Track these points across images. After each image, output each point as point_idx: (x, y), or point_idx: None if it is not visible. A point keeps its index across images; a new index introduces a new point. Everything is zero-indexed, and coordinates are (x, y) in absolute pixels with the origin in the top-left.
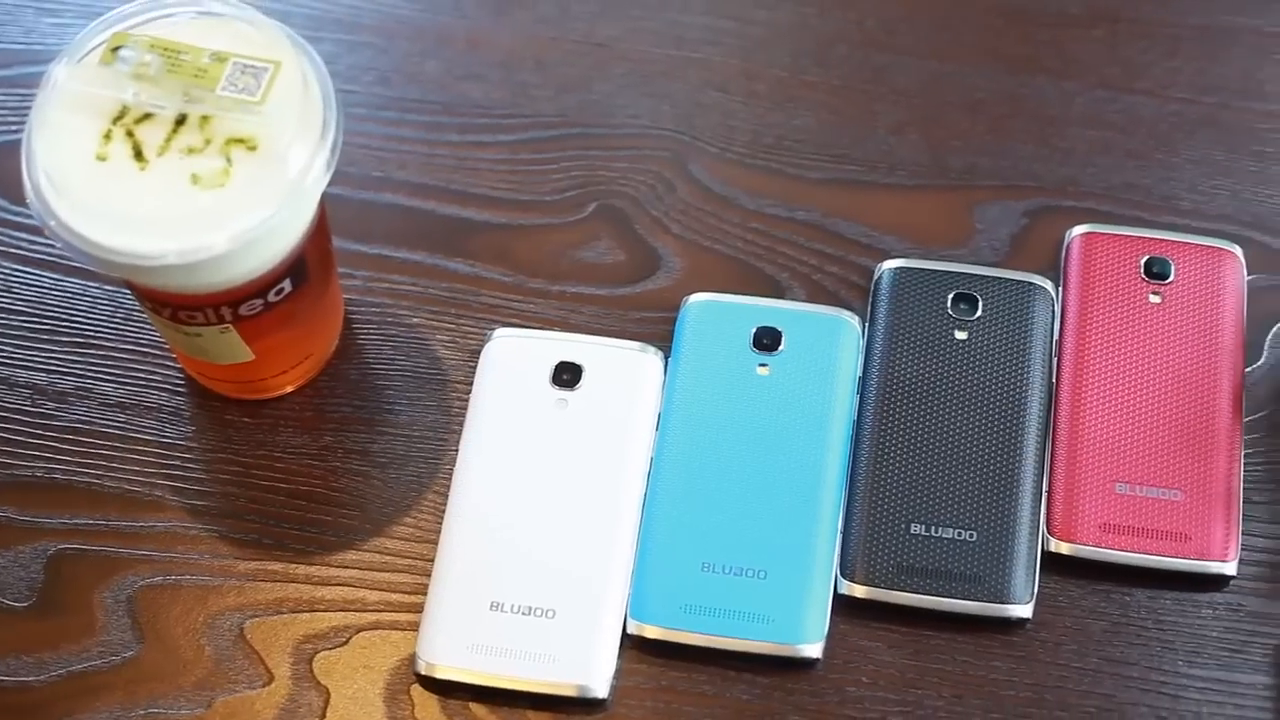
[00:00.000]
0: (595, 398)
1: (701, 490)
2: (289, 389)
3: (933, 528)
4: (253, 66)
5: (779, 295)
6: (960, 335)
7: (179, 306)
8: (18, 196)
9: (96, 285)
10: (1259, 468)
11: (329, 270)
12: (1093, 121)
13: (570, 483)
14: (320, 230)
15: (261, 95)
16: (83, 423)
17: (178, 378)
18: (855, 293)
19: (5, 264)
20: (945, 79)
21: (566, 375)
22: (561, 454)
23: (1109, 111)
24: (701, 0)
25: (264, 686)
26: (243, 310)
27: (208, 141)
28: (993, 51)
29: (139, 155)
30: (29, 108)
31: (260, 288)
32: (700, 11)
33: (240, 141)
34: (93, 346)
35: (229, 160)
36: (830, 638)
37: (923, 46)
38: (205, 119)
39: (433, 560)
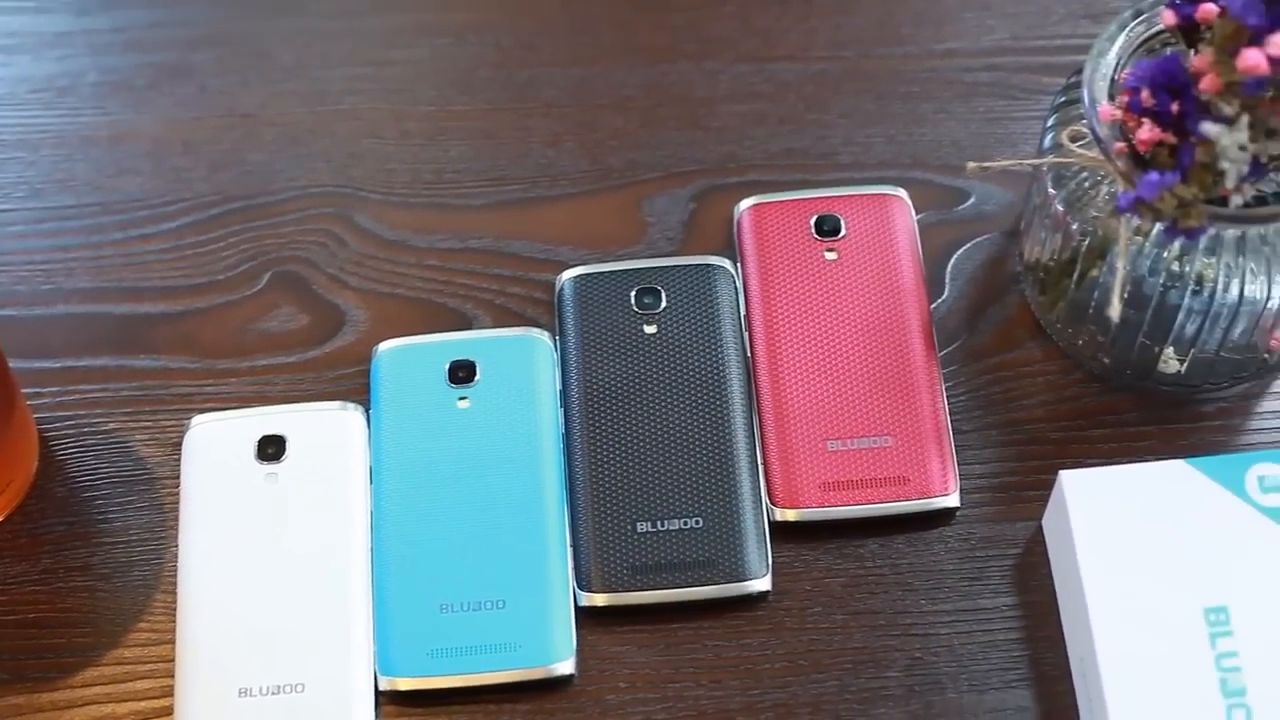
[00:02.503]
0: (303, 465)
1: (425, 534)
2: None
3: (658, 522)
4: None
5: (466, 327)
6: (649, 329)
7: None
8: None
9: None
10: (962, 397)
11: (11, 397)
12: (741, 96)
13: (294, 554)
14: None
15: None
16: None
17: None
18: (541, 309)
19: None
20: (590, 82)
21: (271, 449)
22: (280, 527)
23: (755, 83)
24: (337, 53)
25: None
26: None
27: None
28: (632, 47)
29: None
30: None
31: None
32: (338, 64)
33: None
34: None
35: None
36: (580, 651)
37: (563, 55)
38: None
39: (174, 660)
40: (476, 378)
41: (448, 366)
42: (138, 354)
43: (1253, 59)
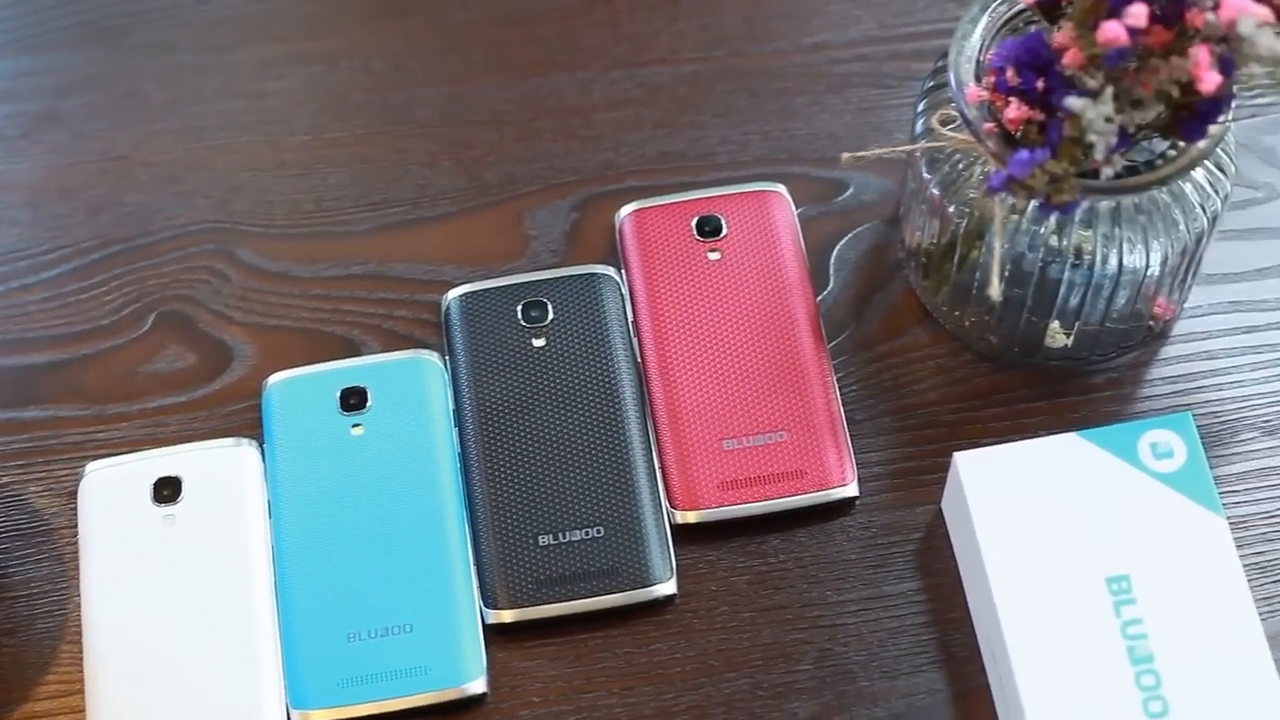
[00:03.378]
0: (201, 505)
1: (328, 564)
2: None
3: (560, 534)
4: None
5: (355, 353)
6: (538, 342)
7: None
8: None
9: None
10: (854, 387)
11: None
12: (615, 103)
13: (197, 595)
14: None
15: None
16: None
17: None
18: (429, 330)
19: None
20: (464, 100)
21: (166, 490)
22: (182, 568)
23: (628, 89)
24: (210, 88)
25: None
26: None
27: None
28: (503, 61)
29: None
30: None
31: None
32: (211, 99)
33: None
34: None
35: None
36: (491, 669)
37: (434, 75)
38: None
39: (85, 711)
40: (368, 404)
41: (339, 394)
42: (26, 406)
43: (1112, 31)
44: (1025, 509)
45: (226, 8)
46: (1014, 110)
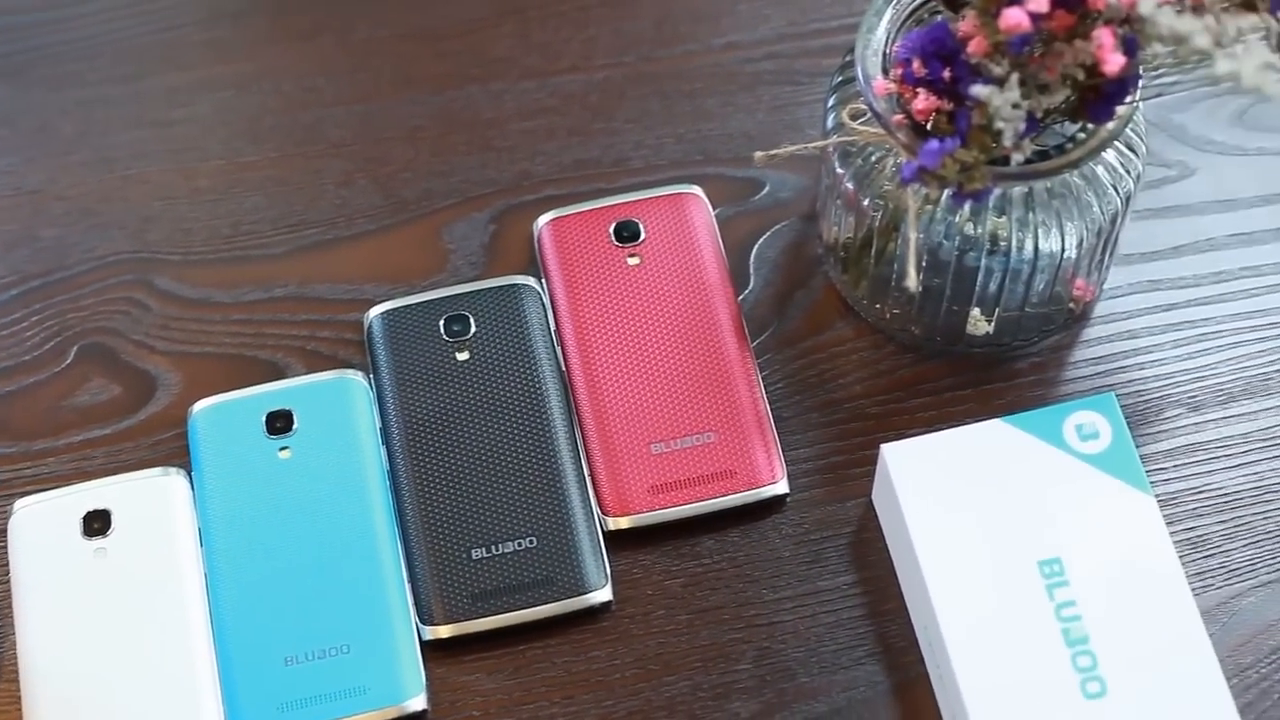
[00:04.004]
0: (131, 536)
1: (262, 589)
2: None
3: (493, 546)
4: None
5: (280, 376)
6: (462, 356)
7: None
8: None
9: None
10: (779, 384)
11: None
12: (528, 113)
13: (133, 627)
14: None
15: None
16: None
17: None
18: (353, 349)
19: None
20: (377, 117)
21: (96, 524)
22: (116, 601)
23: (540, 98)
24: (119, 119)
25: None
26: None
27: None
28: (414, 77)
29: None
30: None
31: None
32: (121, 130)
33: None
34: None
35: None
36: (430, 685)
37: (346, 94)
38: None
39: None
40: (295, 426)
41: (264, 418)
42: None
43: (1014, 18)
44: (954, 497)
45: (132, 38)
46: (922, 101)
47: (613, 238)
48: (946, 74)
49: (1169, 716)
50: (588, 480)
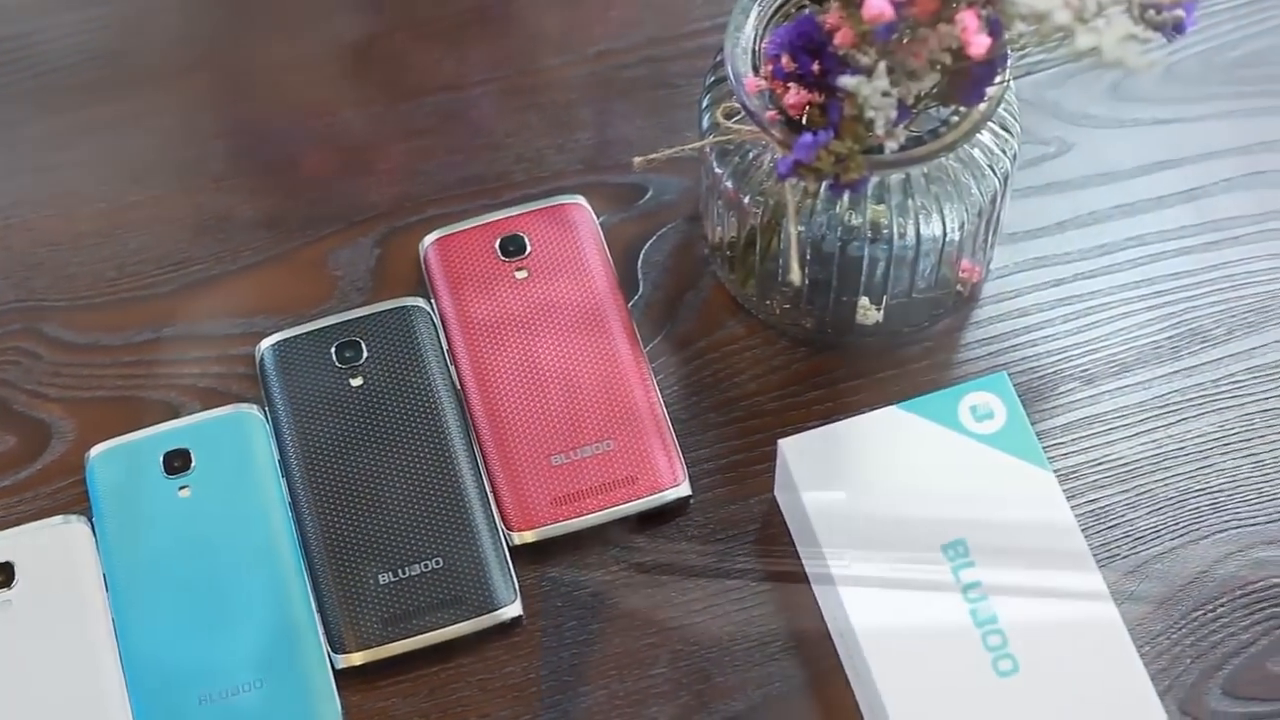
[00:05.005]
0: (36, 587)
1: (172, 629)
2: None
3: (399, 570)
4: None
5: (175, 415)
6: (355, 382)
7: None
8: None
9: None
10: (675, 387)
11: None
12: (406, 134)
13: (42, 679)
14: None
15: None
16: None
17: None
18: (247, 383)
19: None
20: (255, 147)
21: None
22: (23, 654)
23: (418, 119)
24: None
25: None
26: None
27: None
28: (290, 104)
29: None
30: None
31: None
32: (1, 178)
33: None
34: None
35: None
36: (347, 714)
37: (223, 127)
38: None
39: None
40: (193, 464)
41: (162, 459)
42: None
43: (877, 7)
44: (855, 487)
45: (3, 86)
46: (794, 95)
47: (499, 253)
48: (816, 67)
49: (1081, 689)
50: (490, 497)
